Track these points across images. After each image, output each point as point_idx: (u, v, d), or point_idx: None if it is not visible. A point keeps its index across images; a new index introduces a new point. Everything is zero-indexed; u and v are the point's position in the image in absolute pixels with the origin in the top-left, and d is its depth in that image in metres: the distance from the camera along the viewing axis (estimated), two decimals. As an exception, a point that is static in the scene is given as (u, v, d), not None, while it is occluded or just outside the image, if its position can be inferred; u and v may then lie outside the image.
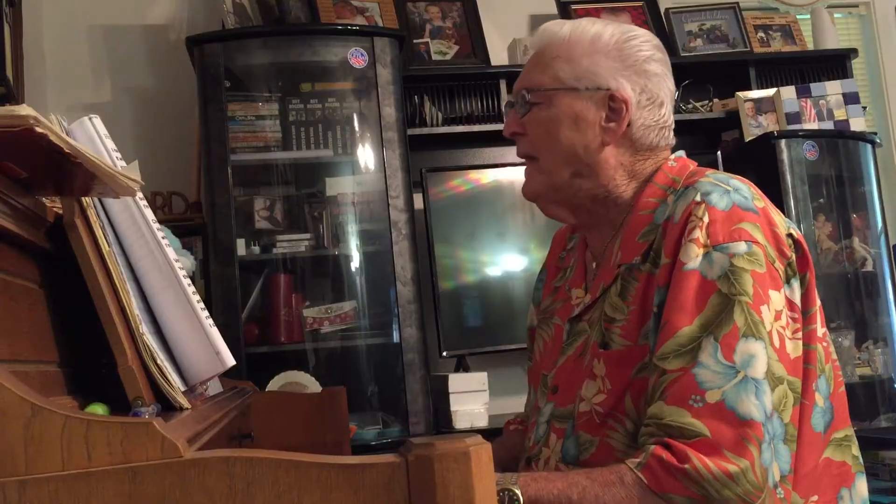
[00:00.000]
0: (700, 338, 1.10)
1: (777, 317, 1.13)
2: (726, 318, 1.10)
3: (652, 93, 1.28)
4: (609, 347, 1.22)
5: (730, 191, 1.18)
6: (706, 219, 1.15)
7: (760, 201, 1.19)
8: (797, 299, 1.18)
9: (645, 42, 1.29)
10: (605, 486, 1.06)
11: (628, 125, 1.26)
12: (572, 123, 1.26)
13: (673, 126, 1.32)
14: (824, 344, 1.21)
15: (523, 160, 1.34)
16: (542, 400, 1.34)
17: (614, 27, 1.30)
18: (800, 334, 1.17)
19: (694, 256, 1.13)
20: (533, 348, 1.47)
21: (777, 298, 1.14)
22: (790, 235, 1.19)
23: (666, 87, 1.30)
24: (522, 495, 1.05)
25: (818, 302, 1.21)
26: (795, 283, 1.18)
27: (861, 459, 1.25)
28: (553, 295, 1.44)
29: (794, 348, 1.15)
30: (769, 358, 1.10)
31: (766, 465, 1.06)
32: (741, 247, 1.13)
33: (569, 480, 1.07)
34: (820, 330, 1.20)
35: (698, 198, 1.17)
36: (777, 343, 1.12)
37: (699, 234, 1.14)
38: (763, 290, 1.12)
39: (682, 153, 1.33)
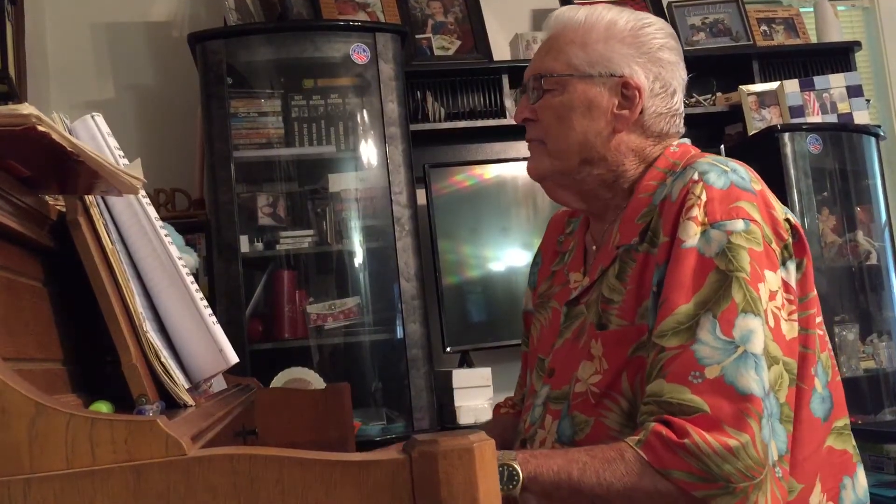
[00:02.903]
0: (698, 315, 1.10)
1: (772, 297, 1.13)
2: (724, 294, 1.10)
3: (665, 81, 1.28)
4: (606, 328, 1.22)
5: (727, 171, 1.18)
6: (704, 197, 1.15)
7: (758, 184, 1.20)
8: (793, 282, 1.18)
9: (659, 30, 1.30)
10: (605, 463, 1.05)
11: (640, 112, 1.26)
12: (585, 110, 1.26)
13: (683, 114, 1.32)
14: (820, 332, 1.21)
15: (527, 142, 1.34)
16: (538, 383, 1.35)
17: (629, 14, 1.30)
18: (795, 316, 1.17)
19: (692, 234, 1.13)
20: (529, 332, 1.46)
21: (772, 279, 1.14)
22: (787, 220, 1.19)
23: (678, 76, 1.30)
24: (522, 471, 1.04)
25: (815, 291, 1.21)
26: (791, 266, 1.18)
27: (857, 451, 1.25)
28: (550, 279, 1.44)
29: (789, 329, 1.15)
30: (765, 336, 1.10)
31: (766, 440, 1.06)
32: (739, 224, 1.13)
33: (568, 457, 1.07)
34: (817, 318, 1.21)
35: (696, 176, 1.17)
36: (772, 323, 1.12)
37: (697, 212, 1.14)
38: (760, 268, 1.12)
39: (686, 140, 1.32)
